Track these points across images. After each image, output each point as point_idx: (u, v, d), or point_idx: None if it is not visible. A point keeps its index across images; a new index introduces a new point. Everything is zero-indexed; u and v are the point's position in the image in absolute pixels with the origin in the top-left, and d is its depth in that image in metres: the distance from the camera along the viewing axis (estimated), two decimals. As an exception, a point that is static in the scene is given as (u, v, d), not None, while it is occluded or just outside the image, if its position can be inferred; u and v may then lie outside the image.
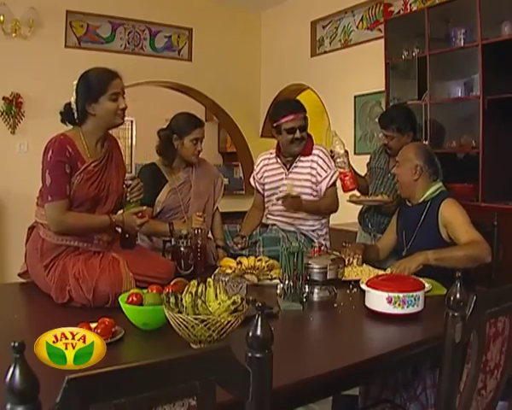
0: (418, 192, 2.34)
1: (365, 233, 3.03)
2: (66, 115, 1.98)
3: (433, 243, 2.17)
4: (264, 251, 2.48)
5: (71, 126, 1.99)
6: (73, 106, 1.94)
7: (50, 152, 1.86)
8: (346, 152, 2.70)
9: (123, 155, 2.17)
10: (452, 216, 2.20)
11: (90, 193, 1.92)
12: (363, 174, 3.15)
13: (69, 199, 1.88)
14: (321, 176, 2.68)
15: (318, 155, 2.70)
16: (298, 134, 2.64)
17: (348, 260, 2.23)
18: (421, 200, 2.33)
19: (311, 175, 2.69)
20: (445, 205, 2.24)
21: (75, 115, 1.95)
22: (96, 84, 1.92)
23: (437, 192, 2.32)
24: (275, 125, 2.69)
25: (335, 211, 2.78)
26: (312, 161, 2.70)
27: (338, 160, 2.68)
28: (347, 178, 2.66)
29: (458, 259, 2.04)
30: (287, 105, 2.76)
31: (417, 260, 2.07)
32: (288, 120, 2.64)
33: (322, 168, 2.68)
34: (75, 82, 1.96)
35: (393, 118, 2.85)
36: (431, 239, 2.21)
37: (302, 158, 2.72)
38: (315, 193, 2.71)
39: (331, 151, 2.72)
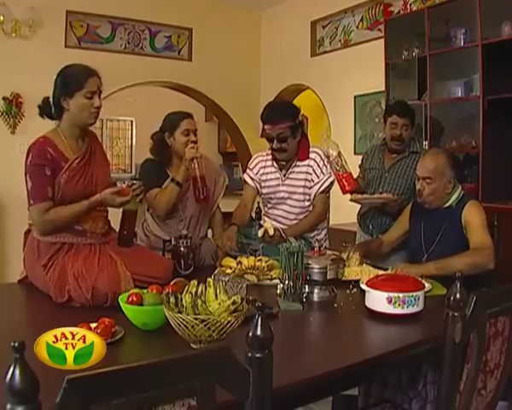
0: (446, 200, 2.32)
1: (366, 234, 2.99)
2: (44, 109, 2.00)
3: (459, 244, 2.19)
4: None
5: (52, 121, 2.00)
6: (51, 99, 1.97)
7: (30, 156, 1.88)
8: (340, 153, 2.65)
9: (103, 147, 2.18)
10: (471, 217, 2.22)
11: (79, 189, 1.93)
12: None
13: (52, 201, 1.89)
14: (313, 181, 2.60)
15: (314, 160, 2.62)
16: (275, 144, 2.56)
17: (348, 255, 2.23)
18: (448, 205, 2.32)
19: (307, 181, 2.62)
20: (468, 206, 2.26)
21: (52, 110, 1.97)
22: (73, 80, 1.93)
23: (460, 196, 2.32)
24: None
25: (324, 220, 2.71)
26: (308, 165, 2.62)
27: (333, 162, 2.64)
28: (344, 179, 2.58)
29: (459, 267, 2.04)
30: (268, 113, 2.60)
31: (420, 271, 2.07)
32: (266, 128, 2.57)
33: (315, 174, 2.60)
34: (55, 76, 1.98)
35: (408, 107, 2.83)
36: (456, 241, 2.22)
37: (298, 163, 2.64)
38: (308, 197, 2.64)
39: None
